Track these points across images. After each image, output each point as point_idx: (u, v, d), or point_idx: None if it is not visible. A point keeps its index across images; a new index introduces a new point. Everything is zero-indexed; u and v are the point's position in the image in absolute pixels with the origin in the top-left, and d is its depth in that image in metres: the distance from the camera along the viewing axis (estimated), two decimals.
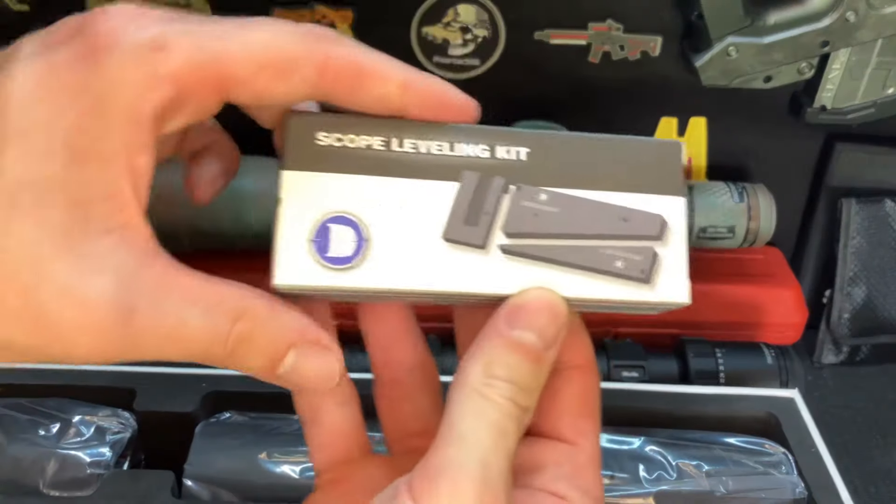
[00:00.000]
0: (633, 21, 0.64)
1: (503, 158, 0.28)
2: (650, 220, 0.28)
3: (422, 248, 0.27)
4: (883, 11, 0.61)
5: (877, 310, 0.69)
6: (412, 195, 0.27)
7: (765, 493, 0.48)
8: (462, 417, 0.25)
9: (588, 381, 0.30)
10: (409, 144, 0.28)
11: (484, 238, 0.27)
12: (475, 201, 0.27)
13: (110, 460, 0.48)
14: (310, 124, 0.27)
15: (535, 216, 0.28)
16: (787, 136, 0.70)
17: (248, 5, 0.63)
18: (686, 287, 0.28)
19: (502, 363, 0.26)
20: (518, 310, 0.27)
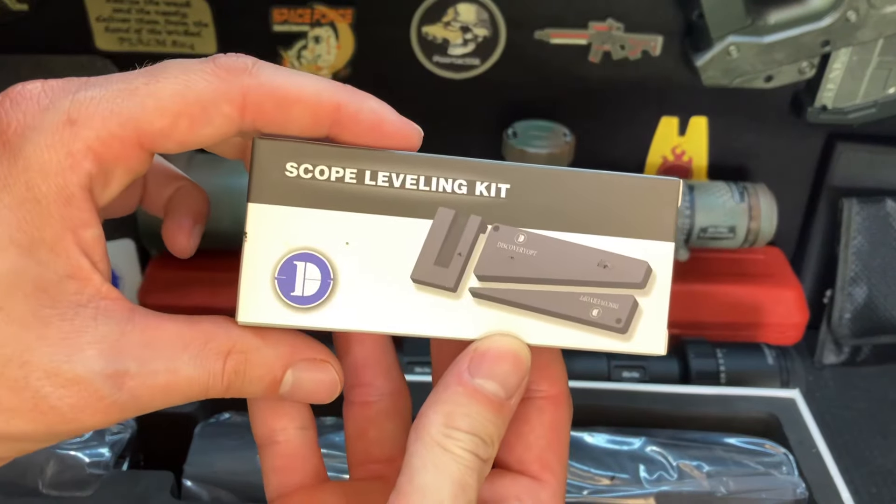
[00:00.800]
0: (633, 20, 0.64)
1: (481, 195, 0.27)
2: (634, 267, 0.27)
3: (389, 289, 0.26)
4: (884, 11, 0.61)
5: (878, 310, 0.69)
6: (383, 232, 0.26)
7: (766, 494, 0.48)
8: (422, 470, 0.25)
9: (559, 413, 0.29)
10: (382, 178, 0.26)
11: (455, 280, 0.26)
12: (448, 241, 0.26)
13: (110, 461, 0.48)
14: (278, 153, 0.26)
15: (511, 259, 0.26)
16: (787, 135, 0.70)
17: (248, 5, 0.63)
18: (663, 339, 0.27)
19: (463, 413, 0.25)
20: (481, 357, 0.26)
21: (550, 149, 0.62)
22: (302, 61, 0.65)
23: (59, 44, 0.65)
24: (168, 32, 0.64)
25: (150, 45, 0.65)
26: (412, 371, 0.56)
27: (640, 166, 0.72)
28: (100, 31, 0.64)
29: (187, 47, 0.65)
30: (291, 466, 0.30)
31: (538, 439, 0.29)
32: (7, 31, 0.63)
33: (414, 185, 0.27)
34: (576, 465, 0.48)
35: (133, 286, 0.69)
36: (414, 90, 0.68)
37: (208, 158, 0.65)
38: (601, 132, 0.70)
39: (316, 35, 0.64)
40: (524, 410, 0.29)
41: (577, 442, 0.50)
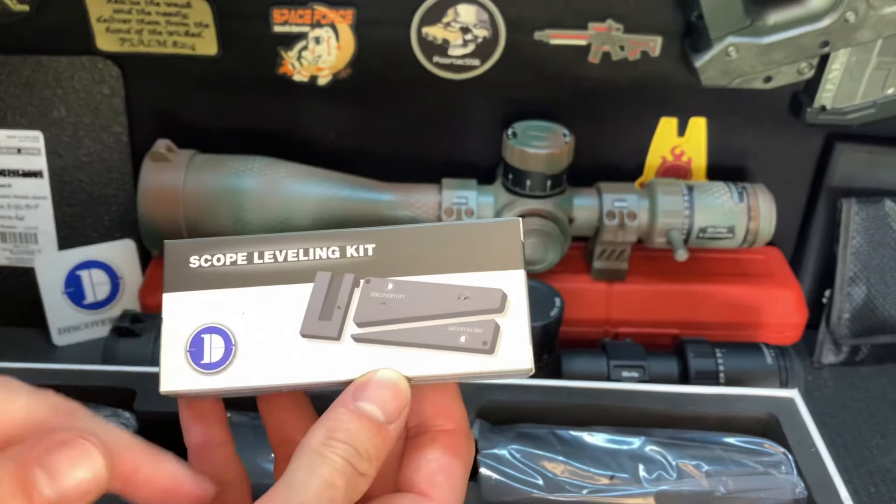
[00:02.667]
0: (633, 21, 0.64)
1: (352, 256, 0.31)
2: (489, 295, 0.30)
3: (283, 345, 0.30)
4: (883, 11, 0.61)
5: (877, 310, 0.69)
6: (273, 300, 0.30)
7: (765, 493, 0.48)
8: (295, 470, 0.27)
9: (454, 444, 0.31)
10: (268, 255, 0.31)
11: (338, 330, 0.30)
12: (328, 298, 0.30)
13: None
14: (182, 251, 0.31)
15: (383, 304, 0.30)
16: (787, 136, 0.70)
17: (249, 6, 0.63)
18: (528, 353, 0.30)
19: (343, 428, 0.28)
20: (364, 386, 0.29)
21: (550, 149, 0.63)
22: (302, 62, 0.66)
23: (60, 44, 0.65)
24: (169, 33, 0.64)
25: (150, 45, 0.65)
26: None
27: (640, 166, 0.72)
28: (101, 31, 0.64)
29: (188, 48, 0.65)
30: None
31: (428, 463, 0.31)
32: (8, 31, 0.63)
33: (295, 257, 0.31)
34: (575, 465, 0.48)
35: (134, 286, 0.69)
36: (414, 90, 0.68)
37: (209, 159, 0.65)
38: (601, 133, 0.70)
39: (316, 36, 0.65)
40: (419, 441, 0.32)
41: (577, 441, 0.50)
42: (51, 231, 0.70)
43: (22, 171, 0.68)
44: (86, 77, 0.66)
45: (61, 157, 0.68)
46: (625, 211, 0.65)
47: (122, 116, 0.68)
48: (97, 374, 0.53)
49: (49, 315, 0.69)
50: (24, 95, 0.66)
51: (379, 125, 0.70)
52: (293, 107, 0.69)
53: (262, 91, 0.68)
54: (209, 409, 0.33)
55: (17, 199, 0.69)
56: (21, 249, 0.70)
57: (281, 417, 0.34)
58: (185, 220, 0.64)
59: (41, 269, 0.68)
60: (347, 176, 0.66)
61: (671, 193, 0.65)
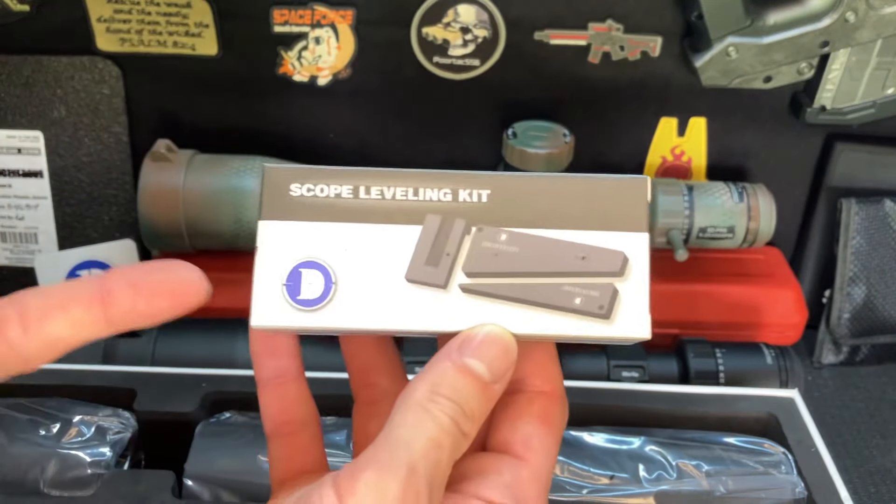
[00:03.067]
0: (633, 21, 0.64)
1: (465, 201, 0.29)
2: (610, 257, 0.29)
3: (386, 289, 0.29)
4: (882, 11, 0.61)
5: (876, 310, 0.69)
6: (377, 239, 0.29)
7: (765, 493, 0.48)
8: (400, 425, 0.26)
9: (551, 406, 0.30)
10: (375, 191, 0.29)
11: (445, 278, 0.29)
12: (437, 243, 0.29)
13: (111, 460, 0.48)
14: (283, 176, 0.29)
15: (496, 256, 0.29)
16: (786, 136, 0.70)
17: (249, 6, 0.63)
18: (646, 322, 0.29)
19: (449, 384, 0.27)
20: (470, 340, 0.28)
21: (550, 149, 0.63)
22: (302, 62, 0.66)
23: (60, 44, 0.65)
24: (169, 33, 0.64)
25: (151, 45, 0.65)
26: (413, 371, 0.56)
27: (640, 166, 0.72)
28: (101, 31, 0.64)
29: (188, 48, 0.65)
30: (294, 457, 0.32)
31: (524, 424, 0.30)
32: (8, 31, 0.63)
33: (404, 196, 0.29)
34: (575, 465, 0.48)
35: None
36: (414, 90, 0.68)
37: (209, 159, 0.65)
38: (601, 133, 0.70)
39: (316, 36, 0.65)
40: (515, 401, 0.30)
41: (577, 441, 0.50)
42: (51, 231, 0.70)
43: (22, 171, 0.68)
44: (86, 77, 0.66)
45: (61, 157, 0.68)
46: None
47: (122, 116, 0.68)
48: (97, 374, 0.53)
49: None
50: (24, 95, 0.66)
51: (379, 125, 0.70)
52: (293, 107, 0.69)
53: (262, 91, 0.68)
54: (283, 343, 0.32)
55: (17, 199, 0.69)
56: (21, 249, 0.70)
57: (365, 360, 0.33)
58: (185, 220, 0.64)
59: (41, 269, 0.68)
60: None
61: (671, 193, 0.65)
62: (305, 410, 0.33)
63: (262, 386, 0.32)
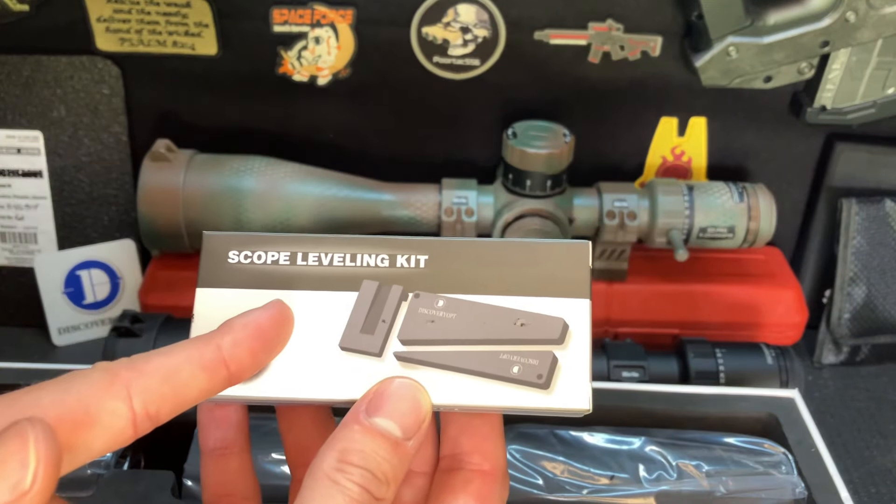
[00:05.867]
0: (633, 21, 0.64)
1: (402, 267, 0.28)
2: (550, 324, 0.28)
3: (320, 357, 0.28)
4: (883, 11, 0.61)
5: (877, 310, 0.69)
6: (313, 306, 0.28)
7: (765, 494, 0.48)
8: (308, 501, 0.25)
9: (488, 488, 0.29)
10: (312, 258, 0.29)
11: (380, 346, 0.28)
12: (373, 310, 0.28)
13: (110, 460, 0.48)
14: (222, 243, 0.29)
15: (432, 322, 0.28)
16: (787, 135, 0.70)
17: (249, 6, 0.63)
18: (586, 392, 0.27)
19: (357, 450, 0.25)
20: (377, 398, 0.27)
21: (550, 149, 0.63)
22: (302, 62, 0.66)
23: (59, 44, 0.65)
24: (169, 33, 0.64)
25: (150, 45, 0.65)
26: None
27: (640, 166, 0.72)
28: (100, 31, 0.64)
29: (188, 48, 0.65)
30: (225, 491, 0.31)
31: None
32: (8, 31, 0.63)
33: (341, 262, 0.29)
34: (575, 465, 0.48)
35: (133, 286, 0.69)
36: (414, 90, 0.68)
37: (209, 159, 0.65)
38: (601, 132, 0.70)
39: (316, 36, 0.65)
40: (450, 480, 0.29)
41: (577, 441, 0.50)
42: (50, 231, 0.69)
43: (22, 170, 0.68)
44: (85, 77, 0.66)
45: (61, 156, 0.68)
46: (625, 211, 0.65)
47: (121, 116, 0.68)
48: None
49: (49, 315, 0.69)
50: (23, 95, 0.66)
51: (379, 125, 0.70)
52: (293, 107, 0.69)
53: (262, 91, 0.68)
54: (231, 414, 0.31)
55: (16, 198, 0.69)
56: (21, 249, 0.70)
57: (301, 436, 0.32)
58: (184, 220, 0.64)
59: (41, 269, 0.68)
60: (347, 176, 0.66)
61: (671, 193, 0.65)
62: (246, 486, 0.32)
63: (205, 456, 0.31)
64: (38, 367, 0.54)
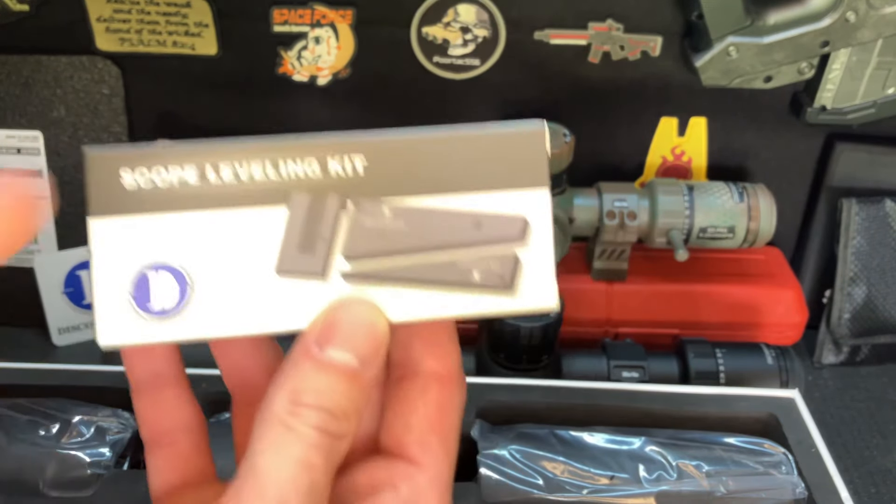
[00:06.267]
0: (633, 21, 0.64)
1: (337, 173, 0.25)
2: (508, 222, 0.25)
3: (253, 285, 0.24)
4: (883, 11, 0.61)
5: (877, 310, 0.69)
6: (237, 227, 0.25)
7: (765, 494, 0.48)
8: (262, 451, 0.23)
9: (447, 395, 0.27)
10: (227, 172, 0.25)
11: (322, 265, 0.25)
12: (309, 225, 0.25)
13: (110, 460, 0.48)
14: (110, 162, 0.24)
15: (379, 234, 0.25)
16: (787, 136, 0.70)
17: (249, 6, 0.63)
18: (553, 290, 0.25)
19: (311, 389, 0.23)
20: (328, 327, 0.24)
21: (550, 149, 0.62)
22: (302, 62, 0.66)
23: (59, 44, 0.65)
24: (169, 33, 0.64)
25: (150, 45, 0.65)
26: None
27: (640, 166, 0.72)
28: (100, 31, 0.64)
29: (188, 48, 0.65)
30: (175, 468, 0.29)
31: (419, 420, 0.26)
32: (8, 31, 0.63)
33: (262, 174, 0.25)
34: (575, 465, 0.48)
35: None
36: (414, 90, 0.68)
37: None
38: (601, 132, 0.70)
39: (316, 35, 0.65)
40: (406, 389, 0.27)
41: (577, 442, 0.50)
42: (50, 231, 0.69)
43: (22, 171, 0.68)
44: (85, 77, 0.66)
45: (61, 156, 0.68)
46: (625, 211, 0.65)
47: (121, 116, 0.68)
48: (97, 374, 0.53)
49: (49, 315, 0.69)
50: (23, 95, 0.66)
51: (379, 125, 0.69)
52: (293, 107, 0.69)
53: (262, 91, 0.68)
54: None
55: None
56: (21, 249, 0.70)
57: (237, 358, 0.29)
58: None
59: (41, 269, 0.68)
60: None
61: (671, 193, 0.65)
62: (186, 416, 0.29)
63: (136, 391, 0.29)
64: (38, 366, 0.54)
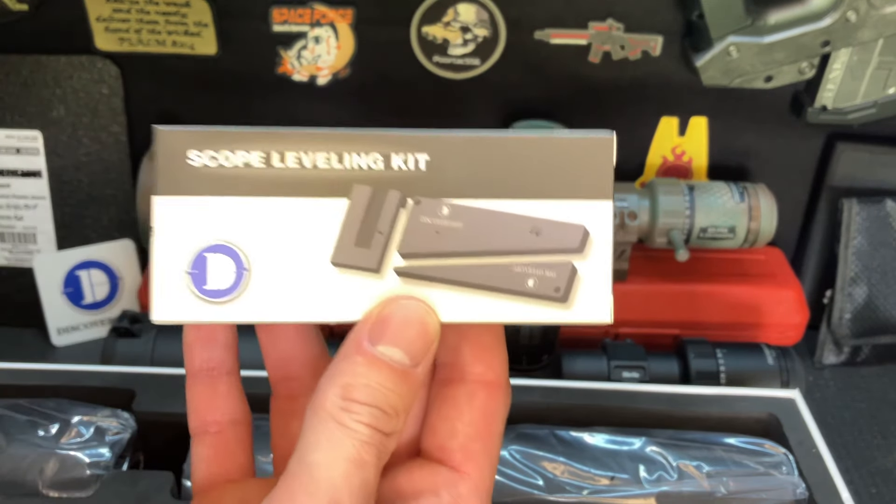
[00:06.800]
0: (633, 20, 0.64)
1: (399, 168, 0.25)
2: (569, 232, 0.25)
3: (308, 274, 0.25)
4: (884, 11, 0.61)
5: (878, 310, 0.69)
6: (297, 216, 0.25)
7: (766, 494, 0.48)
8: (314, 446, 0.23)
9: (493, 401, 0.27)
10: (292, 158, 0.25)
11: (378, 261, 0.25)
12: (367, 219, 0.25)
13: (110, 461, 0.48)
14: (180, 142, 0.25)
15: (437, 233, 0.25)
16: (787, 135, 0.70)
17: (248, 5, 0.63)
18: (608, 305, 0.25)
19: (362, 385, 0.23)
20: (381, 323, 0.24)
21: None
22: (302, 61, 0.65)
23: (59, 44, 0.65)
24: (168, 33, 0.64)
25: (150, 45, 0.65)
26: None
27: (641, 166, 0.72)
28: (100, 31, 0.64)
29: (187, 47, 0.65)
30: (219, 459, 0.29)
31: (465, 426, 0.26)
32: (7, 30, 0.63)
33: (326, 163, 0.25)
34: (576, 465, 0.48)
35: (133, 286, 0.69)
36: (414, 90, 0.68)
37: None
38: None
39: (316, 35, 0.64)
40: (453, 393, 0.27)
41: (577, 442, 0.50)
42: (50, 231, 0.69)
43: (21, 170, 0.68)
44: (85, 76, 0.66)
45: (60, 156, 0.68)
46: (625, 211, 0.65)
47: (120, 116, 0.67)
48: (96, 374, 0.53)
49: (48, 315, 0.69)
50: (23, 95, 0.66)
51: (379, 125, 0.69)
52: (292, 106, 0.69)
53: (262, 91, 0.67)
54: (219, 332, 0.29)
55: (16, 198, 0.69)
56: (20, 249, 0.70)
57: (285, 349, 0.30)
58: None
59: (40, 269, 0.68)
60: None
61: (672, 193, 0.65)
62: (236, 409, 0.29)
63: (191, 378, 0.29)
64: (37, 367, 0.54)
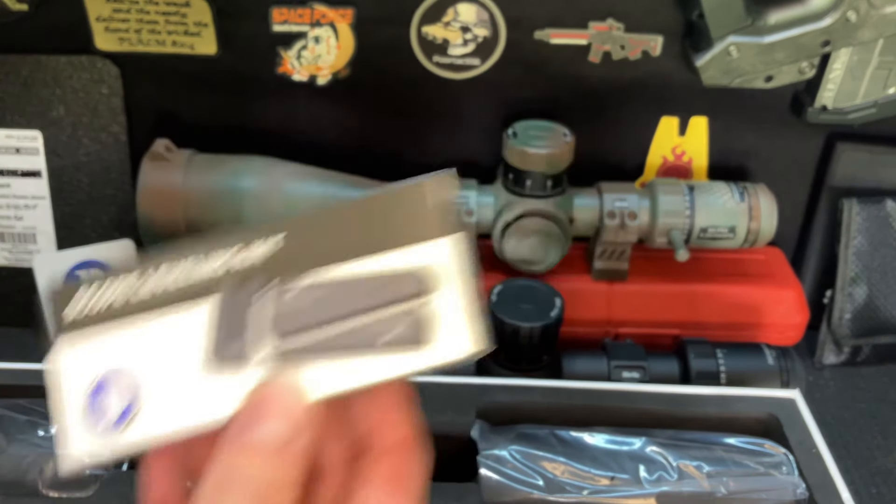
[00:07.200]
0: (633, 20, 0.64)
1: (262, 252, 0.26)
2: (405, 280, 0.25)
3: (191, 380, 0.25)
4: (884, 11, 0.61)
5: (878, 310, 0.69)
6: (170, 327, 0.26)
7: (766, 494, 0.48)
8: None
9: (401, 465, 0.27)
10: (158, 276, 0.26)
11: (251, 349, 0.25)
12: (235, 312, 0.25)
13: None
14: (63, 295, 0.28)
15: (297, 311, 0.25)
16: (788, 135, 0.70)
17: (248, 5, 0.63)
18: (470, 336, 0.25)
19: (237, 476, 0.24)
20: (248, 411, 0.25)
21: (550, 149, 0.62)
22: (302, 61, 0.65)
23: (58, 44, 0.65)
24: (168, 33, 0.64)
25: (149, 45, 0.65)
26: None
27: (640, 166, 0.72)
28: (99, 31, 0.64)
29: (187, 47, 0.65)
30: None
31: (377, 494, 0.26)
32: (7, 30, 0.63)
33: (195, 263, 0.26)
34: (576, 465, 0.48)
35: None
36: (414, 90, 0.68)
37: (208, 159, 0.65)
38: (601, 132, 0.70)
39: (316, 35, 0.64)
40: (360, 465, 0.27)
41: (577, 442, 0.50)
42: (49, 231, 0.69)
43: (20, 170, 0.68)
44: (84, 76, 0.66)
45: (60, 156, 0.68)
46: (625, 211, 0.65)
47: (120, 116, 0.67)
48: None
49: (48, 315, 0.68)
50: (22, 95, 0.66)
51: (379, 125, 0.70)
52: (293, 106, 0.69)
53: (262, 90, 0.67)
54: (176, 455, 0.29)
55: (15, 198, 0.69)
56: (20, 249, 0.70)
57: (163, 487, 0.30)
58: (184, 220, 0.63)
59: (40, 269, 0.67)
60: (348, 176, 0.66)
61: (672, 193, 0.65)
62: None
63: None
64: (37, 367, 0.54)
